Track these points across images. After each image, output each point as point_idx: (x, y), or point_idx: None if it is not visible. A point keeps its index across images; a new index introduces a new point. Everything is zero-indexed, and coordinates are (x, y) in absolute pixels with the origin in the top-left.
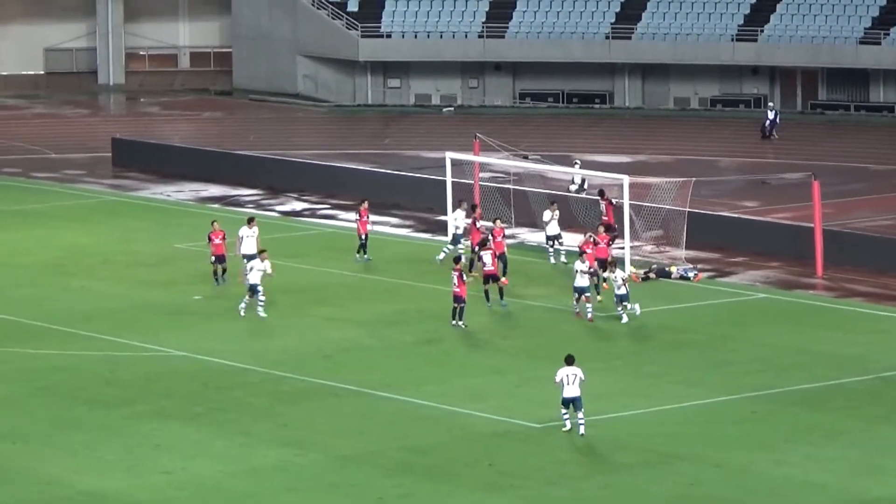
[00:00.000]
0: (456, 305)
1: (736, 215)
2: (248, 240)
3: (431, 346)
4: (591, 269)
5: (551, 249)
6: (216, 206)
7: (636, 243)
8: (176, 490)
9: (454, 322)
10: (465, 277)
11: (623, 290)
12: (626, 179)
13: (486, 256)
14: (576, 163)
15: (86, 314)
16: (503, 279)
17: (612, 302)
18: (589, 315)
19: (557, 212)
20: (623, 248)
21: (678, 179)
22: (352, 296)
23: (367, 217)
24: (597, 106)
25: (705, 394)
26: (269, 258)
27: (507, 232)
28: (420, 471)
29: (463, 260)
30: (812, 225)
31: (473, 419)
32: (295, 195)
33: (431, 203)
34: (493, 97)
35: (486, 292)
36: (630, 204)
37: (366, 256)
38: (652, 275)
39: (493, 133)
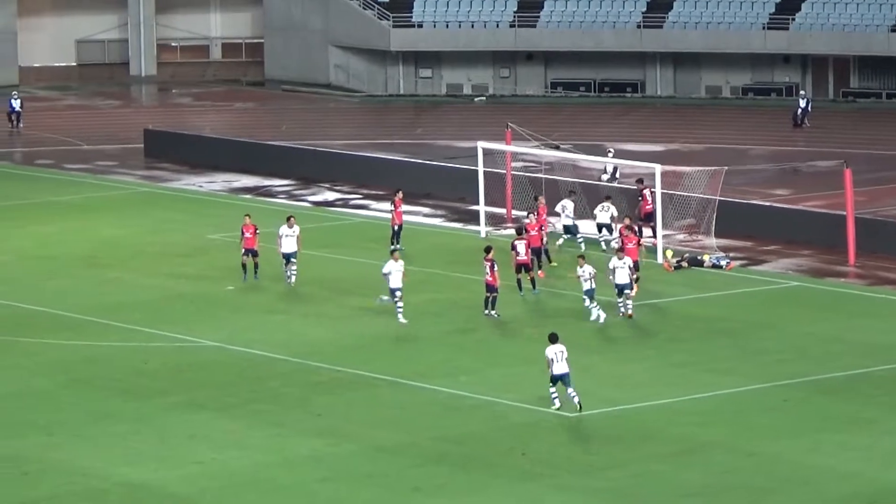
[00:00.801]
0: (488, 295)
1: (768, 203)
2: (288, 239)
3: (465, 336)
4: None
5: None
6: (248, 196)
7: (668, 232)
8: (209, 481)
9: (486, 311)
10: (496, 267)
11: (590, 286)
12: (658, 168)
13: (520, 246)
14: (609, 151)
15: (119, 305)
16: (540, 272)
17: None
18: (629, 311)
19: (611, 206)
20: (655, 236)
21: (710, 168)
22: (384, 285)
23: (401, 207)
24: (628, 95)
25: (737, 382)
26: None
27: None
28: (455, 460)
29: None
30: (844, 213)
31: (507, 409)
32: (327, 185)
33: (463, 193)
34: (524, 86)
35: (519, 282)
36: (662, 193)
37: (399, 246)
38: (684, 263)
39: (525, 122)
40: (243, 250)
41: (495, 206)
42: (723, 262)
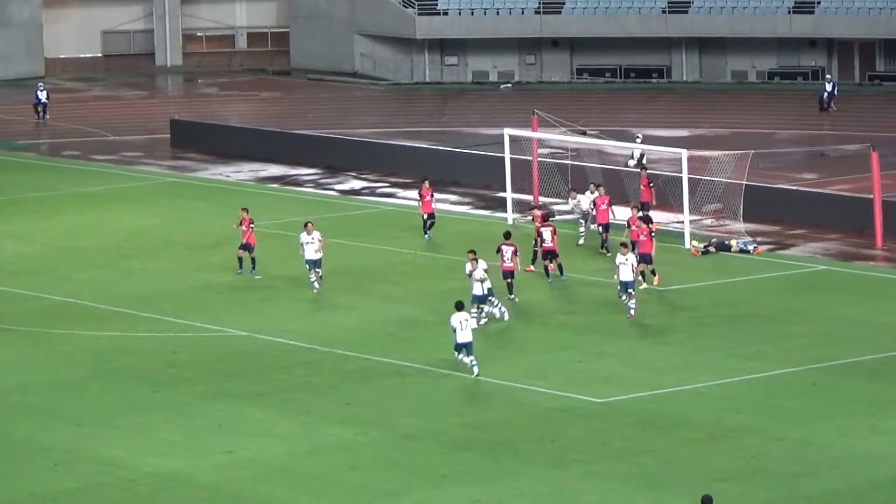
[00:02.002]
0: (509, 280)
1: (794, 188)
2: (310, 246)
3: (492, 323)
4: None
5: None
6: (275, 185)
7: (695, 217)
8: (238, 470)
9: (511, 297)
10: (518, 253)
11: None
12: (684, 153)
13: (546, 233)
14: (637, 137)
15: (147, 296)
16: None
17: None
18: (631, 311)
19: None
20: (682, 222)
21: (736, 152)
22: (412, 274)
23: (431, 196)
24: (654, 80)
25: (766, 367)
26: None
27: (565, 207)
28: (483, 448)
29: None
30: (871, 196)
31: (536, 395)
32: (354, 174)
33: (490, 180)
34: (550, 73)
35: (546, 269)
36: (688, 178)
37: (427, 235)
38: (711, 248)
39: (551, 109)
40: (241, 243)
41: (522, 192)
42: (750, 247)
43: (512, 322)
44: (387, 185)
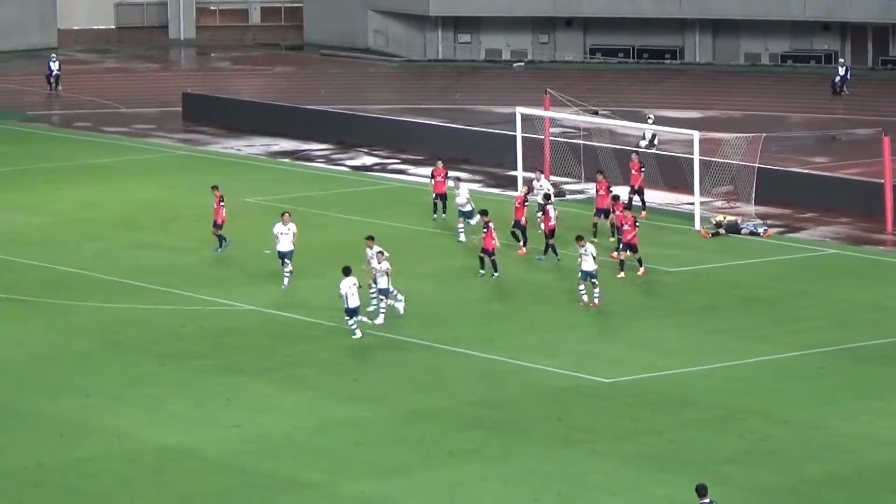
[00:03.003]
0: (483, 256)
1: (806, 171)
2: (284, 237)
3: (501, 301)
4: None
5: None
6: (286, 160)
7: (706, 199)
8: (245, 444)
9: (482, 272)
10: (494, 230)
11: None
12: (696, 135)
13: (551, 210)
14: (649, 118)
15: (157, 269)
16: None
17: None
18: (596, 300)
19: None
20: (693, 203)
21: (748, 135)
22: (421, 250)
23: (444, 177)
24: (667, 61)
25: (774, 349)
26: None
27: (576, 187)
28: (490, 425)
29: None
30: (882, 181)
31: (543, 374)
32: (365, 150)
33: (502, 158)
34: (563, 52)
35: (553, 247)
36: (700, 159)
37: (443, 216)
38: (722, 230)
39: (564, 88)
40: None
41: (534, 171)
42: (760, 230)
43: (521, 300)
44: (398, 161)
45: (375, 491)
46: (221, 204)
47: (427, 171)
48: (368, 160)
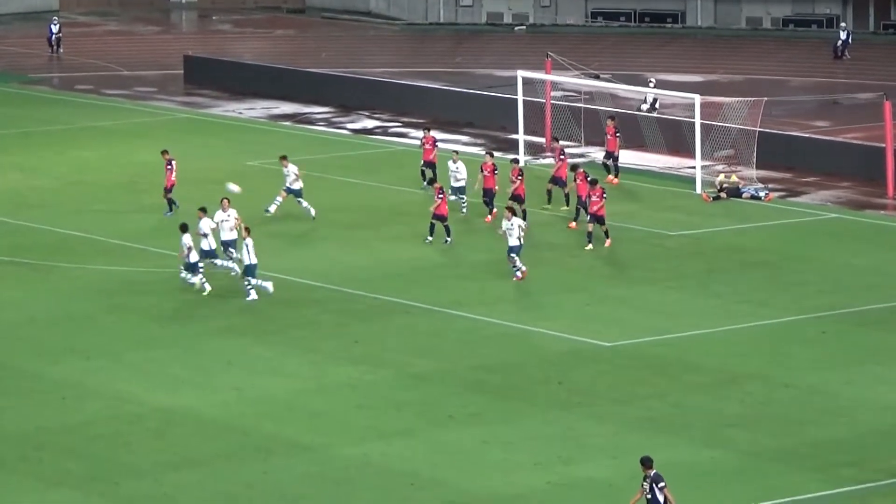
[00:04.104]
0: (435, 223)
1: (807, 135)
2: (225, 223)
3: (502, 265)
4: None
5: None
6: (288, 123)
7: (707, 162)
8: (246, 407)
9: (429, 239)
10: (443, 195)
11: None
12: (697, 99)
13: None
14: (650, 81)
15: (158, 231)
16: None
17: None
18: (518, 273)
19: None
20: (694, 167)
21: (749, 99)
22: (422, 214)
23: (433, 145)
24: (669, 25)
25: (775, 314)
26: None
27: (578, 150)
28: (490, 389)
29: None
30: (883, 145)
31: (544, 338)
32: (366, 113)
33: (503, 122)
34: (565, 16)
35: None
36: (701, 123)
37: (425, 184)
38: (723, 194)
39: (565, 52)
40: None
41: (535, 135)
42: (761, 194)
43: (521, 264)
44: (399, 125)
45: (376, 454)
46: (169, 167)
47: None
48: (369, 123)
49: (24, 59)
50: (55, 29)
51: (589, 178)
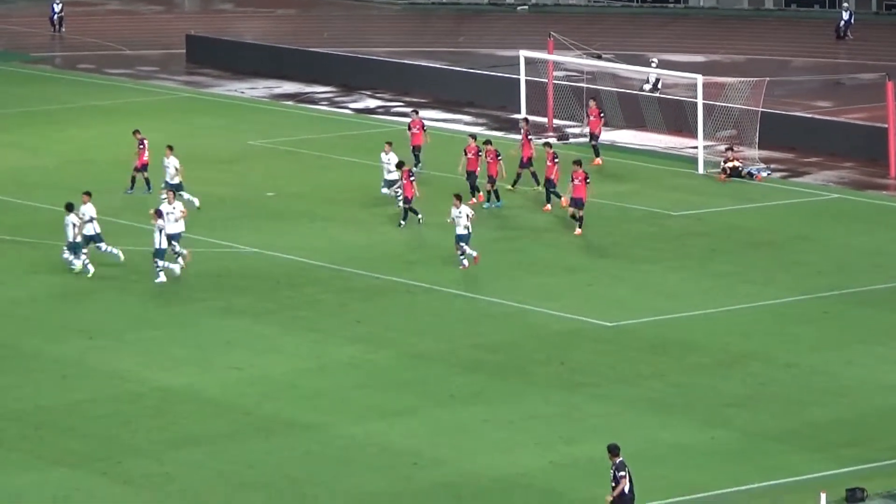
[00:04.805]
0: (405, 206)
1: (809, 115)
2: (170, 216)
3: (503, 244)
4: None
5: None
6: (290, 103)
7: (709, 143)
8: (246, 386)
9: (402, 223)
10: (413, 177)
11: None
12: (699, 79)
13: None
14: (652, 62)
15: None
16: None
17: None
18: (464, 262)
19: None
20: (696, 147)
21: (752, 79)
22: (423, 194)
23: (420, 129)
24: (671, 5)
25: (777, 294)
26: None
27: (578, 131)
28: (492, 369)
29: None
30: (885, 125)
31: (545, 317)
32: (368, 93)
33: (505, 101)
34: None
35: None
36: (703, 103)
37: (415, 168)
38: (724, 174)
39: (568, 32)
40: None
41: (537, 115)
42: (764, 173)
43: (523, 244)
44: (401, 104)
45: (377, 433)
46: (141, 147)
47: (428, 114)
48: (372, 103)
49: (26, 39)
50: (57, 8)
51: (574, 161)
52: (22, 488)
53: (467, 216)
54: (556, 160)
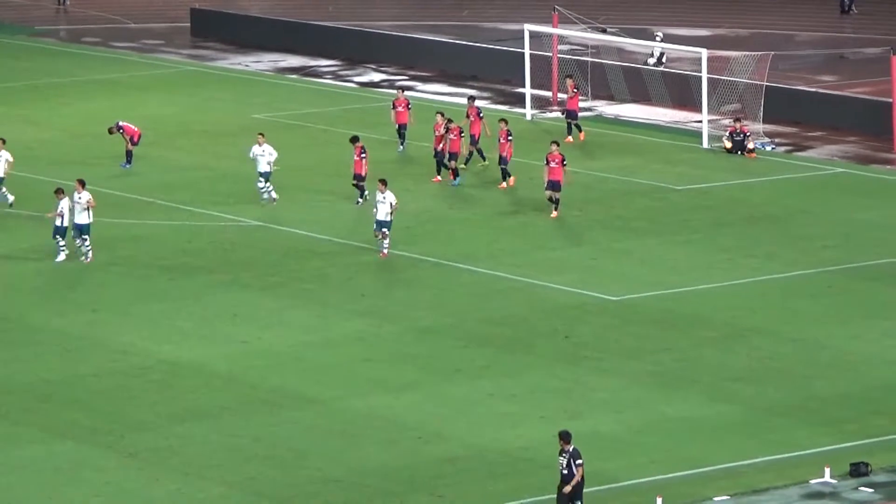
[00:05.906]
0: (357, 183)
1: (813, 89)
2: (77, 205)
3: (509, 218)
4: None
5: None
6: (294, 76)
7: (714, 116)
8: (252, 359)
9: (360, 201)
10: (365, 154)
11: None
12: (704, 53)
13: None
14: (657, 35)
15: (165, 184)
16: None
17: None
18: (385, 250)
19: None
20: (701, 121)
21: (756, 53)
22: (430, 168)
23: (405, 107)
24: None
25: (782, 268)
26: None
27: (584, 105)
28: (498, 342)
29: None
30: (890, 100)
31: (550, 291)
32: (373, 66)
33: (509, 75)
34: None
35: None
36: (708, 77)
37: (400, 148)
38: (727, 144)
39: (572, 6)
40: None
41: (541, 89)
42: (768, 147)
43: (528, 218)
44: (406, 77)
45: (383, 407)
46: (120, 129)
47: (434, 87)
48: (376, 76)
49: (31, 12)
50: None
51: (552, 141)
52: (27, 461)
53: (391, 203)
54: (510, 138)
